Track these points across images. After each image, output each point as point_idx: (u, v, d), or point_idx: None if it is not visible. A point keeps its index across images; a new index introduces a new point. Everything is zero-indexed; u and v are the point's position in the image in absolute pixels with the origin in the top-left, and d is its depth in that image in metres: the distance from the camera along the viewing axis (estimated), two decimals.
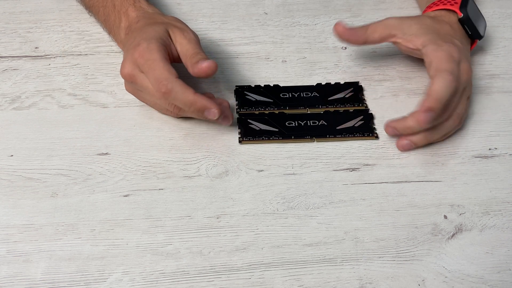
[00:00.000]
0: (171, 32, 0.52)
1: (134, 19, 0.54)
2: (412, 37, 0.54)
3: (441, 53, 0.51)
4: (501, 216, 0.49)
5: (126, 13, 0.55)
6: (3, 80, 0.58)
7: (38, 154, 0.52)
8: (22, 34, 0.62)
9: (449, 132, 0.53)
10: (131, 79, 0.50)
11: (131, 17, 0.54)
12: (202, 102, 0.48)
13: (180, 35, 0.51)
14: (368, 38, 0.55)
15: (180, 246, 0.46)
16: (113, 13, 0.56)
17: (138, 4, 0.55)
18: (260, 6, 0.67)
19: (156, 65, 0.48)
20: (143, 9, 0.55)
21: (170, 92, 0.47)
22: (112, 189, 0.50)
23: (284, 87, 0.58)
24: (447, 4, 0.56)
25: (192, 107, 0.48)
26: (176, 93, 0.48)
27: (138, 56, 0.49)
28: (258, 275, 0.45)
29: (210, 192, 0.50)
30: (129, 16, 0.55)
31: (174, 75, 0.48)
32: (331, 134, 0.54)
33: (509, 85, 0.60)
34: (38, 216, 0.48)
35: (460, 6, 0.55)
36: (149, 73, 0.48)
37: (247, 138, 0.53)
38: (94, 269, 0.45)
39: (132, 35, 0.52)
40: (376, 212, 0.49)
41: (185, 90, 0.48)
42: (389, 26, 0.55)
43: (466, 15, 0.55)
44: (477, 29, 0.56)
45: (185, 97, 0.48)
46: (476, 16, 0.57)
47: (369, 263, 0.46)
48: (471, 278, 0.45)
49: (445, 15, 0.56)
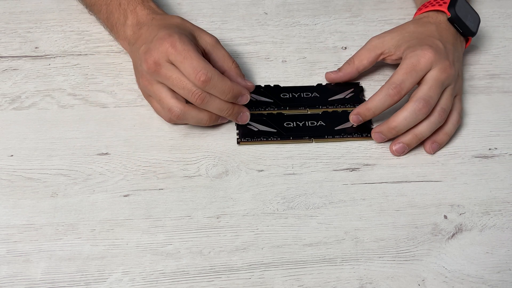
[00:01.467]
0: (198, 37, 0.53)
1: (145, 16, 0.54)
2: (395, 50, 0.56)
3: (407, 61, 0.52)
4: (501, 216, 0.49)
5: (134, 11, 0.55)
6: (3, 80, 0.58)
7: (38, 154, 0.52)
8: (22, 34, 0.62)
9: (436, 127, 0.52)
10: (156, 68, 0.50)
11: (140, 15, 0.55)
12: (238, 89, 0.50)
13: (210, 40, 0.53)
14: (359, 69, 0.57)
15: (180, 246, 0.46)
16: (118, 11, 0.56)
17: (147, 4, 0.56)
18: (260, 6, 0.67)
19: (193, 55, 0.49)
20: (152, 9, 0.56)
21: (210, 80, 0.48)
22: (112, 189, 0.50)
23: (284, 87, 0.58)
24: (436, 5, 0.57)
25: (230, 93, 0.50)
26: (215, 80, 0.49)
27: (169, 46, 0.49)
28: (258, 275, 0.45)
29: (210, 192, 0.50)
30: (138, 14, 0.55)
31: (210, 65, 0.49)
32: (329, 134, 0.54)
33: (509, 85, 0.60)
34: (38, 216, 0.48)
35: (448, 6, 0.56)
36: (184, 62, 0.48)
37: (245, 139, 0.53)
38: (94, 269, 0.45)
39: (151, 29, 0.52)
40: (376, 212, 0.49)
41: (224, 77, 0.49)
42: (372, 48, 0.57)
43: (455, 14, 0.56)
44: (468, 26, 0.57)
45: (224, 83, 0.49)
46: (466, 14, 0.57)
47: (369, 263, 0.46)
48: (471, 278, 0.45)
49: (433, 15, 0.57)
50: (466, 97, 0.58)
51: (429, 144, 0.53)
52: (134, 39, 0.54)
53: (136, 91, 0.57)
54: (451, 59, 0.53)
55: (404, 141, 0.52)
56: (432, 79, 0.51)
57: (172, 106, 0.50)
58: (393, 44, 0.56)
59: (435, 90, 0.51)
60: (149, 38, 0.51)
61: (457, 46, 0.56)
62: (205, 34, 0.53)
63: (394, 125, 0.51)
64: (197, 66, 0.48)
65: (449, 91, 0.53)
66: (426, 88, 0.51)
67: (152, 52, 0.49)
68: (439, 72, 0.52)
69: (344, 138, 0.54)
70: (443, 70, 0.52)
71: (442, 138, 0.53)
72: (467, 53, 0.62)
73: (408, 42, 0.55)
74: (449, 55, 0.53)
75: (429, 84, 0.51)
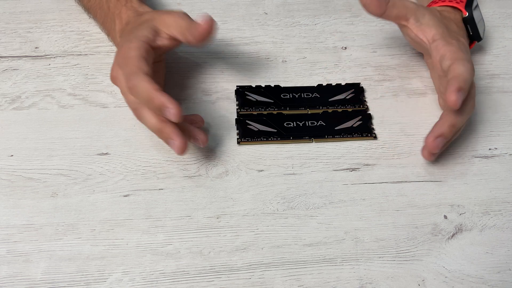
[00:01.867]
0: (158, 22, 0.51)
1: (125, 21, 0.54)
2: (425, 27, 0.53)
3: (452, 47, 0.51)
4: (501, 216, 0.49)
5: (119, 16, 0.54)
6: (3, 80, 0.58)
7: (38, 154, 0.52)
8: (22, 34, 0.62)
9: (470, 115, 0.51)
10: (114, 82, 0.49)
11: (123, 20, 0.54)
12: (160, 99, 0.44)
13: (169, 18, 0.50)
14: (387, 12, 0.53)
15: (180, 246, 0.46)
16: (108, 16, 0.56)
17: (129, 5, 0.54)
18: (260, 6, 0.67)
19: (129, 62, 0.47)
20: (134, 9, 0.54)
21: (134, 87, 0.46)
22: (112, 189, 0.50)
23: (284, 87, 0.58)
24: (453, 2, 0.56)
25: (151, 102, 0.45)
26: (138, 87, 0.45)
27: (119, 57, 0.48)
28: (258, 275, 0.45)
29: (210, 192, 0.50)
30: (122, 19, 0.54)
31: (143, 71, 0.46)
32: (330, 134, 0.54)
33: (509, 85, 0.60)
34: (38, 216, 0.48)
35: (465, 5, 0.56)
36: (123, 71, 0.47)
37: (245, 139, 0.53)
38: (94, 269, 0.45)
39: (122, 38, 0.52)
40: (376, 212, 0.49)
41: (148, 85, 0.45)
42: (407, 8, 0.53)
43: (471, 15, 0.55)
44: (478, 30, 0.56)
45: (145, 90, 0.45)
46: (478, 18, 0.57)
47: (369, 263, 0.46)
48: (471, 278, 0.45)
49: (451, 12, 0.56)
50: None
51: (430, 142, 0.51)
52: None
53: None
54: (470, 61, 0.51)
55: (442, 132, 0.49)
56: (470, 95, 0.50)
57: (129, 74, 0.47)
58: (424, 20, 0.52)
59: None
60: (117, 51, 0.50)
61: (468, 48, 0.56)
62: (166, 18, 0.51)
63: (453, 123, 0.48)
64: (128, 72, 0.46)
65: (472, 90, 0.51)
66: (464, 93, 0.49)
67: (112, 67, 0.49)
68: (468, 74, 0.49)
69: (344, 138, 0.54)
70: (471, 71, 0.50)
71: None
72: None
73: (438, 28, 0.52)
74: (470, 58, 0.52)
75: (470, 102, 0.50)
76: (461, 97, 0.47)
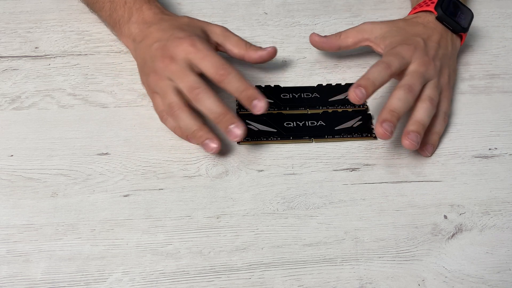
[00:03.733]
0: (207, 29, 0.55)
1: (152, 16, 0.55)
2: (380, 40, 0.57)
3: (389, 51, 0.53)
4: (501, 216, 0.49)
5: (140, 9, 0.56)
6: (3, 80, 0.58)
7: (38, 154, 0.52)
8: (22, 34, 0.62)
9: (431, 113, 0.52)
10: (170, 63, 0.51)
11: (146, 14, 0.55)
12: (254, 91, 0.50)
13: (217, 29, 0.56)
14: (342, 44, 0.58)
15: (180, 246, 0.46)
16: (123, 9, 0.57)
17: (153, 3, 0.57)
18: (260, 6, 0.67)
19: (212, 53, 0.50)
20: (160, 9, 0.57)
21: (229, 75, 0.49)
22: (112, 189, 0.50)
23: (284, 87, 0.58)
24: (423, 6, 0.59)
25: (244, 92, 0.50)
26: (233, 76, 0.50)
27: (189, 45, 0.50)
28: (258, 275, 0.45)
29: (210, 192, 0.50)
30: (144, 13, 0.55)
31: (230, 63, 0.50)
32: (330, 134, 0.54)
33: (509, 85, 0.60)
34: (38, 216, 0.48)
35: (435, 5, 0.58)
36: (205, 59, 0.50)
37: (245, 139, 0.53)
38: (94, 269, 0.45)
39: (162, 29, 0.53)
40: (376, 212, 0.49)
41: (241, 75, 0.50)
42: (362, 31, 0.58)
43: (442, 13, 0.57)
44: (458, 23, 0.58)
45: (241, 80, 0.50)
46: (456, 11, 0.58)
47: (369, 263, 0.46)
48: (471, 278, 0.45)
49: (423, 16, 0.58)
50: (466, 97, 0.58)
51: (423, 148, 0.53)
52: (141, 37, 0.54)
53: (136, 91, 0.57)
54: (431, 55, 0.54)
55: (412, 129, 0.51)
56: (411, 71, 0.52)
57: (172, 102, 0.50)
58: (380, 34, 0.57)
59: (416, 80, 0.52)
60: (163, 36, 0.52)
61: (444, 44, 0.56)
62: (214, 27, 0.56)
63: (392, 107, 0.50)
64: (218, 62, 0.50)
65: (432, 84, 0.53)
66: (407, 77, 0.52)
67: (170, 49, 0.51)
68: (418, 65, 0.52)
69: (344, 138, 0.54)
70: (421, 64, 0.53)
71: (434, 138, 0.54)
72: (467, 53, 0.62)
73: (392, 37, 0.56)
74: (430, 52, 0.54)
75: (410, 74, 0.52)
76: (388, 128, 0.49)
